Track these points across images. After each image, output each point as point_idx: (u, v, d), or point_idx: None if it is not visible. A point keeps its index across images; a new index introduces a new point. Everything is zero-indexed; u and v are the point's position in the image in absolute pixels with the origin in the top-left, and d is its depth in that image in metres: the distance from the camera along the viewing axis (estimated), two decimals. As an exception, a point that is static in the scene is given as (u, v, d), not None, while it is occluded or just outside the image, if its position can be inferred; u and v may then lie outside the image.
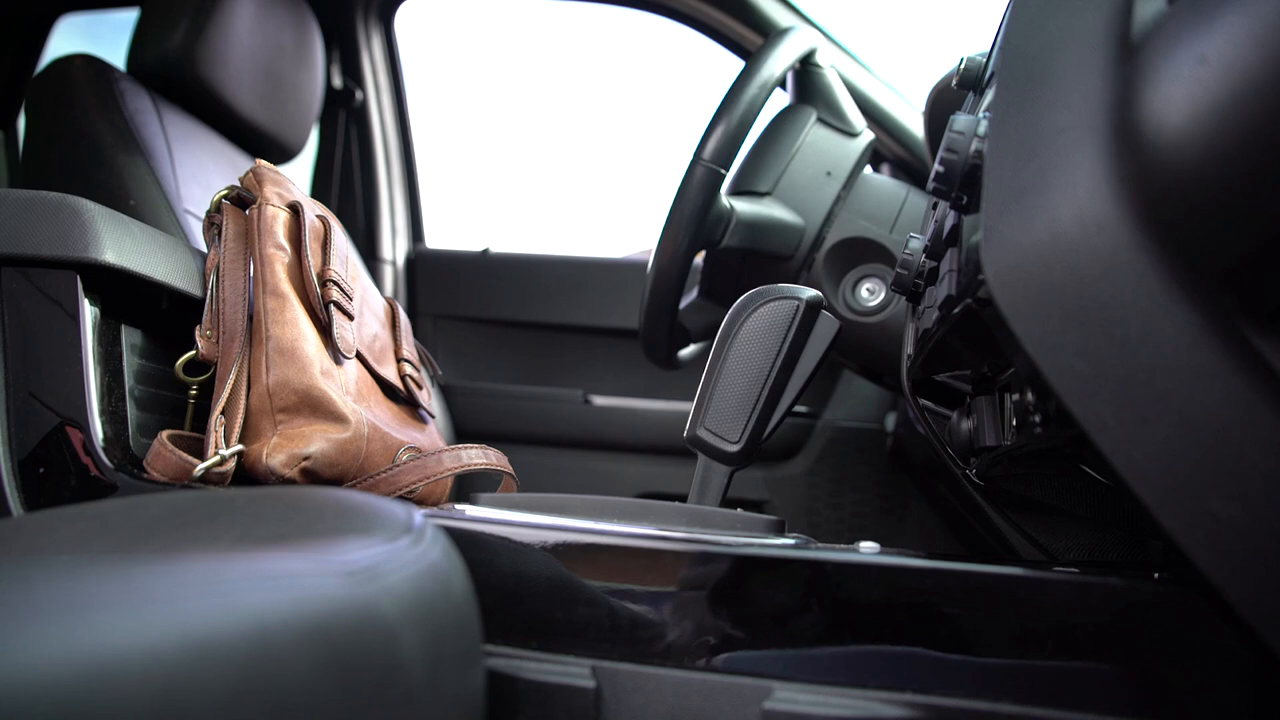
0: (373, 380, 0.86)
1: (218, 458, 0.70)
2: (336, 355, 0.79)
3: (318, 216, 0.84)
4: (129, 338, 0.75)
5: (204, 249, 0.81)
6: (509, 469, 0.87)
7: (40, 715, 0.25)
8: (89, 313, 0.71)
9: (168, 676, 0.28)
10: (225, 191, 0.81)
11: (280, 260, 0.77)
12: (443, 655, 0.40)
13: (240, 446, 0.72)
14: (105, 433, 0.70)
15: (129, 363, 0.75)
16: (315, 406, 0.74)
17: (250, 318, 0.76)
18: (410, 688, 0.37)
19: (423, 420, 0.92)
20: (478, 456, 0.84)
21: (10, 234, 0.69)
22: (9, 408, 0.69)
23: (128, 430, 0.73)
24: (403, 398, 0.90)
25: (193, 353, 0.75)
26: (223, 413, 0.72)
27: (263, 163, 0.84)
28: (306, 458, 0.72)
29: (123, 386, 0.73)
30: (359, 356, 0.84)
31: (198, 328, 0.76)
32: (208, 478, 0.70)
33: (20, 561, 0.39)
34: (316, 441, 0.73)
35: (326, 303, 0.79)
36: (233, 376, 0.73)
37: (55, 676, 0.26)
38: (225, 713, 0.30)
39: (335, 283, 0.80)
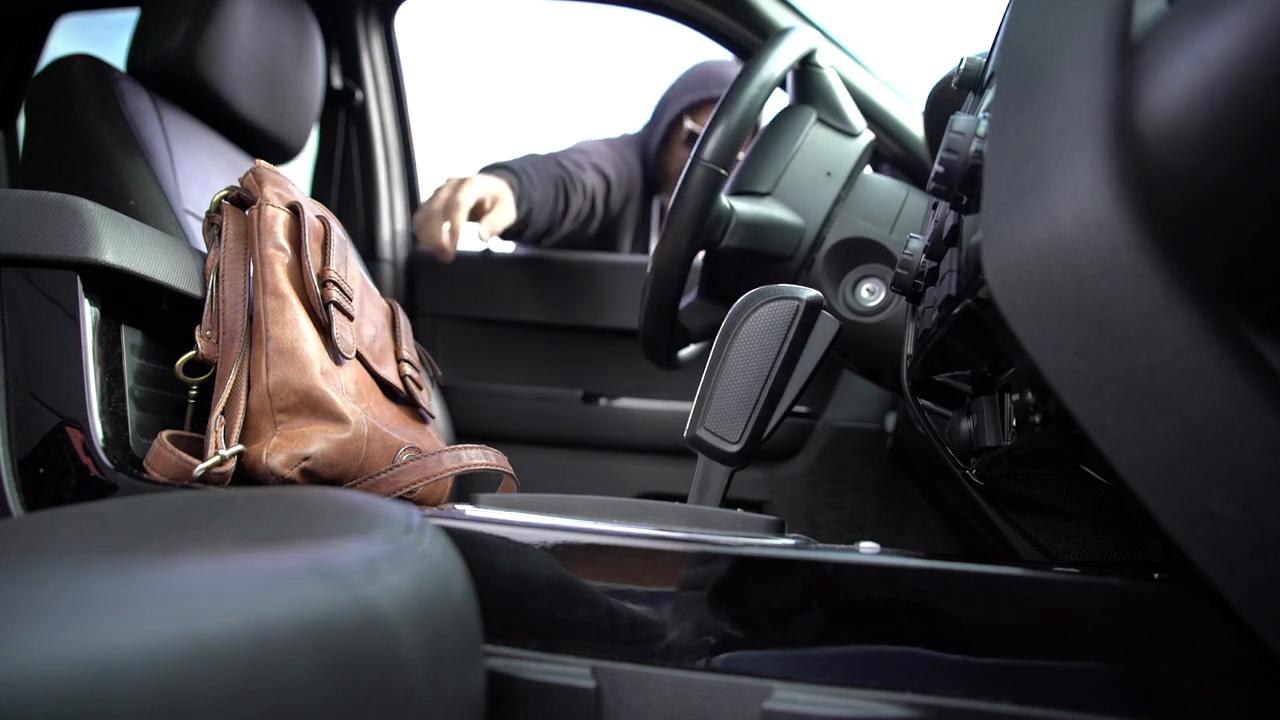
0: (372, 380, 0.86)
1: (217, 458, 0.70)
2: (336, 355, 0.79)
3: (317, 217, 0.84)
4: (129, 338, 0.75)
5: (204, 249, 0.81)
6: (509, 469, 0.87)
7: (40, 715, 0.25)
8: (89, 313, 0.71)
9: (168, 676, 0.28)
10: (225, 192, 0.81)
11: (280, 260, 0.77)
12: (443, 655, 0.40)
13: (240, 447, 0.72)
14: (105, 433, 0.70)
15: (129, 363, 0.75)
16: (315, 407, 0.74)
17: (250, 318, 0.76)
18: (410, 688, 0.37)
19: (423, 420, 0.92)
20: (478, 457, 0.84)
21: (10, 234, 0.69)
22: (9, 408, 0.69)
23: (128, 430, 0.73)
24: (403, 398, 0.90)
25: (192, 353, 0.75)
26: (223, 413, 0.72)
27: (262, 163, 0.84)
28: (306, 458, 0.72)
29: (123, 386, 0.73)
30: (359, 357, 0.84)
31: (198, 328, 0.75)
32: (208, 478, 0.70)
33: (20, 561, 0.39)
34: (316, 442, 0.73)
35: (326, 303, 0.79)
36: (232, 377, 0.73)
37: (55, 676, 0.26)
38: (225, 713, 0.30)
39: (335, 283, 0.80)
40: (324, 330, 0.79)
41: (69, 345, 0.70)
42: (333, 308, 0.79)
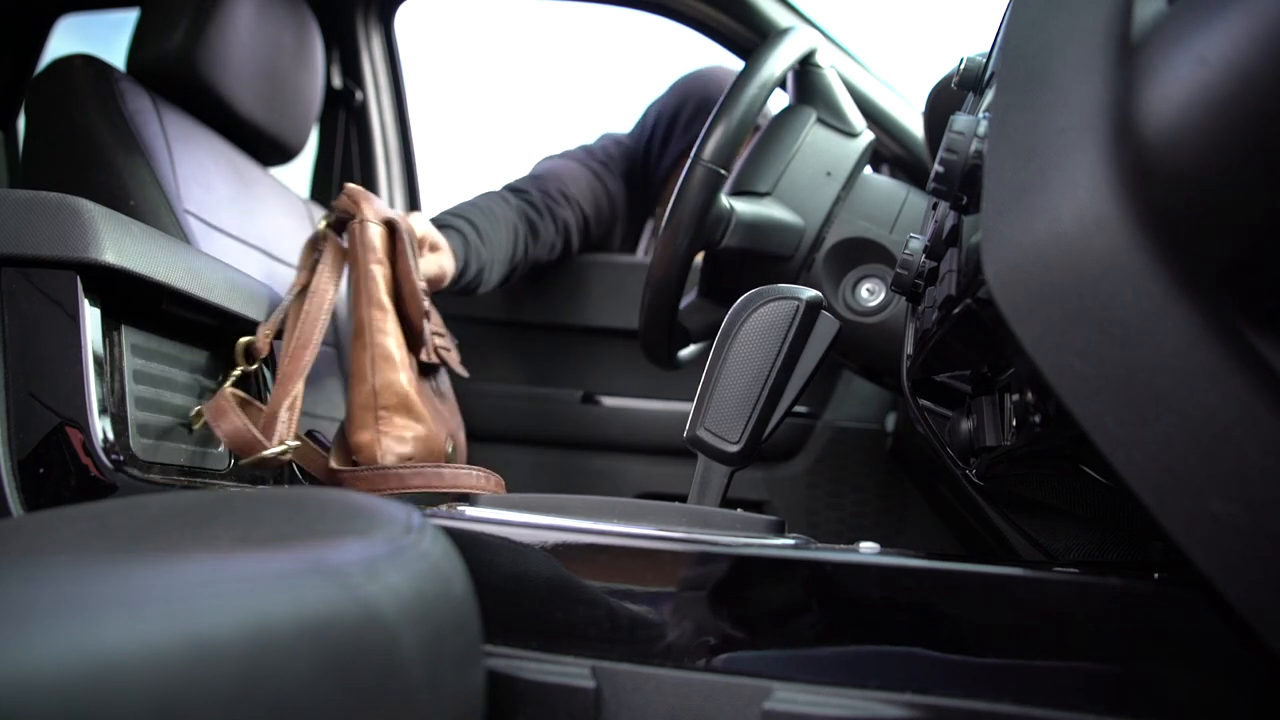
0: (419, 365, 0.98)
1: (283, 447, 0.78)
2: (418, 361, 0.93)
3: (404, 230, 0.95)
4: (129, 338, 0.76)
5: (204, 249, 0.83)
6: (502, 492, 0.90)
7: (40, 715, 0.25)
8: (89, 313, 0.71)
9: (168, 676, 0.28)
10: (329, 218, 0.92)
11: (382, 274, 0.89)
12: (443, 655, 0.40)
13: (296, 442, 0.81)
14: (105, 433, 0.70)
15: (129, 363, 0.75)
16: (409, 408, 0.88)
17: (336, 331, 0.86)
18: (410, 688, 0.37)
19: (443, 394, 1.04)
20: (478, 479, 0.90)
21: (10, 234, 0.69)
22: (9, 408, 0.69)
23: (128, 430, 0.73)
24: (435, 367, 1.02)
25: (252, 338, 0.84)
26: (289, 408, 0.81)
27: (352, 185, 0.94)
28: (407, 445, 0.87)
29: (123, 387, 0.73)
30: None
31: (261, 324, 0.85)
32: (264, 461, 0.77)
33: (20, 561, 0.39)
34: (410, 439, 0.88)
35: (425, 312, 0.92)
36: (299, 384, 0.82)
37: (55, 676, 0.26)
38: (225, 713, 0.30)
39: (425, 292, 0.93)
40: (415, 335, 0.91)
41: (69, 345, 0.70)
42: (424, 318, 0.93)
